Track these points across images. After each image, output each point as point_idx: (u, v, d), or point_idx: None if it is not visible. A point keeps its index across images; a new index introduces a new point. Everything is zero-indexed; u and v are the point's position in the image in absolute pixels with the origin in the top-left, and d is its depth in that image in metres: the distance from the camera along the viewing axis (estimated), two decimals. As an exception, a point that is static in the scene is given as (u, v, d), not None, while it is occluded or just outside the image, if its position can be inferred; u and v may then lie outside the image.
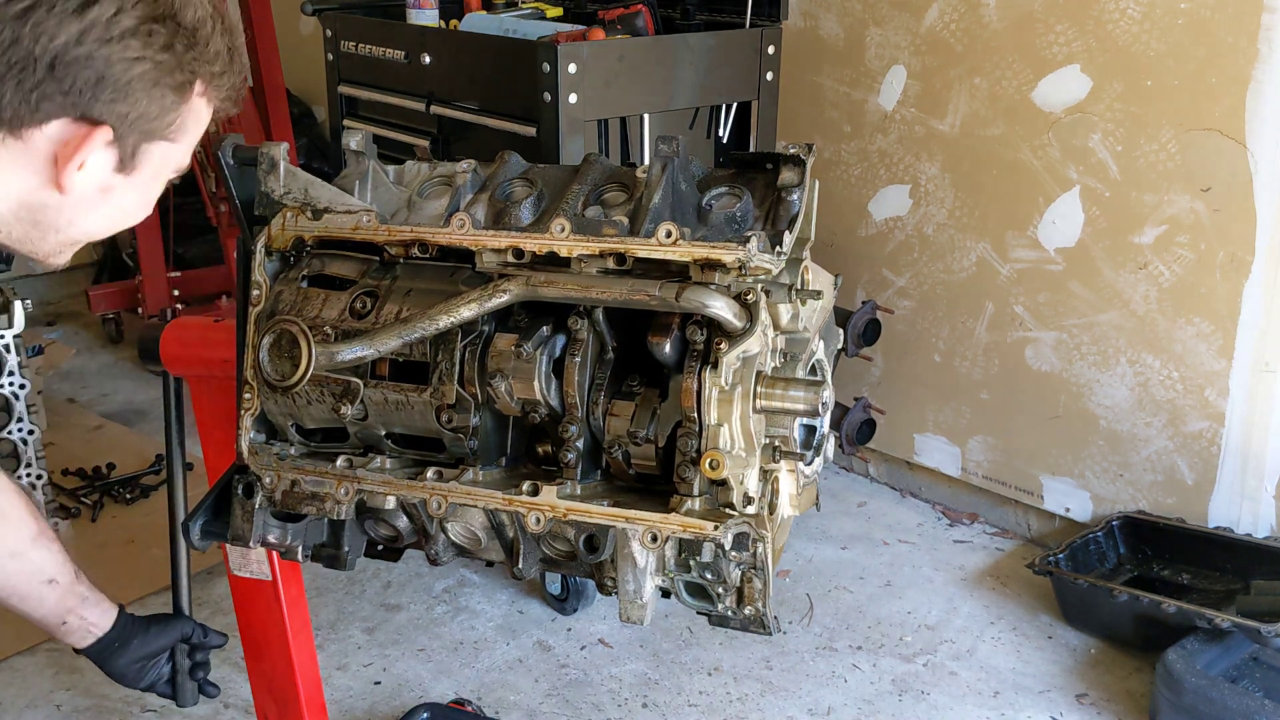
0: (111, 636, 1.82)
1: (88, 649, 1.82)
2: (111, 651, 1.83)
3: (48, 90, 1.10)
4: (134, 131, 1.17)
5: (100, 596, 1.83)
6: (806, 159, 1.54)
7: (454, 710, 2.48)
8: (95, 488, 3.45)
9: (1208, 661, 2.46)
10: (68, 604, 1.77)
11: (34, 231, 1.23)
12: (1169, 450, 2.94)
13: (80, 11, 1.09)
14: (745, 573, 1.50)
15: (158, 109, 1.17)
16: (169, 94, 1.17)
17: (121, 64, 1.12)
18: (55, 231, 1.24)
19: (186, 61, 1.17)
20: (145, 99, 1.15)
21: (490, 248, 1.56)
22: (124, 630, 1.84)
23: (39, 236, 1.24)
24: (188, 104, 1.21)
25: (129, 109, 1.15)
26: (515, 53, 2.63)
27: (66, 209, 1.21)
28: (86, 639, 1.81)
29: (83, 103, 1.12)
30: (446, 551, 1.65)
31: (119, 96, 1.13)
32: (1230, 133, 2.67)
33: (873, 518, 3.42)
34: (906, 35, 3.18)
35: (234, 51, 1.23)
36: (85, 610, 1.80)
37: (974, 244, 3.18)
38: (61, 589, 1.76)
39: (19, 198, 1.18)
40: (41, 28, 1.08)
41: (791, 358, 1.68)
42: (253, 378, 1.64)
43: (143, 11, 1.12)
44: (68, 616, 1.78)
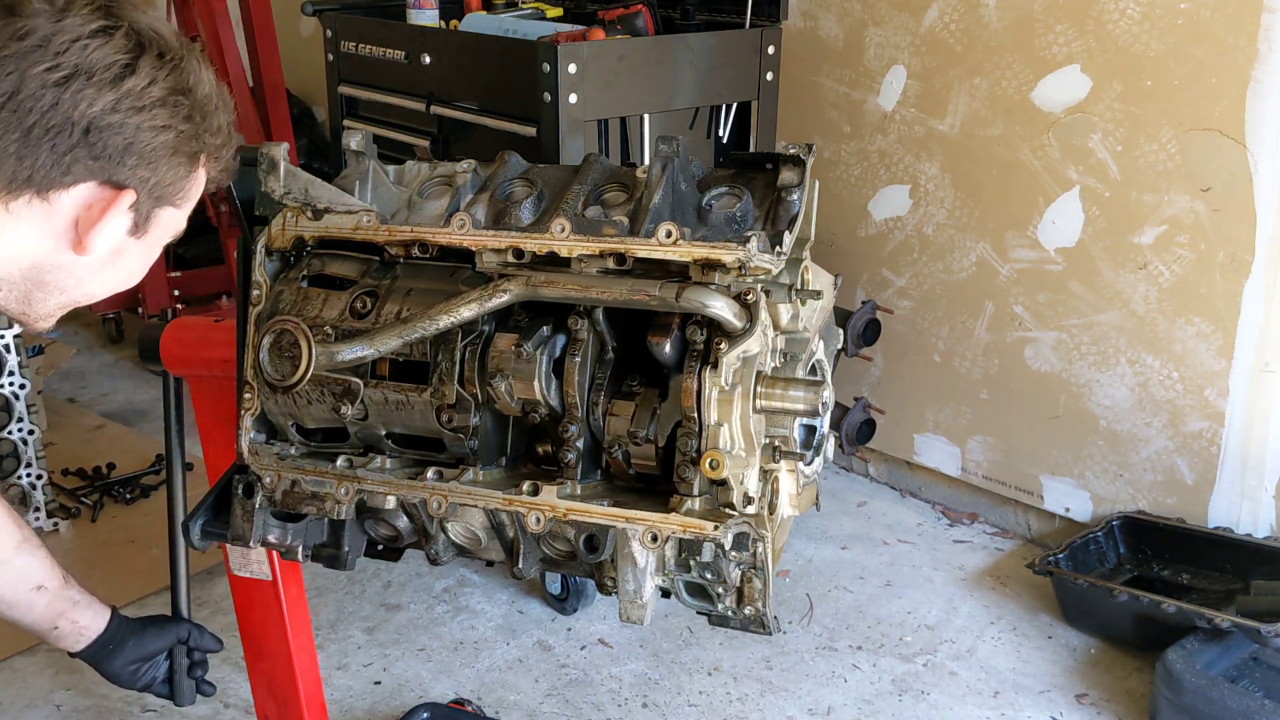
0: (105, 639, 1.82)
1: (82, 652, 1.82)
2: (106, 654, 1.83)
3: (79, 155, 1.15)
4: (151, 197, 1.23)
5: (91, 599, 1.82)
6: (806, 159, 1.54)
7: (454, 710, 2.48)
8: (95, 488, 3.45)
9: (1208, 661, 2.46)
10: (58, 608, 1.77)
11: (37, 292, 1.26)
12: (1169, 450, 2.94)
13: (117, 82, 1.15)
14: (745, 573, 1.50)
15: (174, 176, 1.24)
16: (184, 163, 1.24)
17: (149, 132, 1.18)
18: (60, 292, 1.27)
19: (200, 133, 1.24)
20: (165, 166, 1.22)
21: (490, 248, 1.56)
22: (118, 632, 1.84)
23: (41, 298, 1.27)
24: (196, 173, 1.27)
25: (150, 175, 1.21)
26: (515, 53, 2.63)
27: (78, 270, 1.25)
28: (80, 642, 1.81)
29: (110, 167, 1.18)
30: (446, 551, 1.65)
31: (143, 163, 1.19)
32: (1230, 133, 2.67)
33: (873, 518, 3.42)
34: (906, 35, 3.18)
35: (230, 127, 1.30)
36: (76, 614, 1.79)
37: (974, 244, 3.18)
38: (50, 594, 1.76)
39: (33, 258, 1.22)
40: (80, 95, 1.13)
41: (791, 358, 1.68)
42: (253, 378, 1.64)
43: (170, 83, 1.19)
44: (59, 621, 1.78)
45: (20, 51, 1.11)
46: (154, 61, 1.18)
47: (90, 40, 1.14)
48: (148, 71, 1.17)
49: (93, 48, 1.14)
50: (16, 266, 1.22)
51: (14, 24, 1.12)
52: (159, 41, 1.19)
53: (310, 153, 4.75)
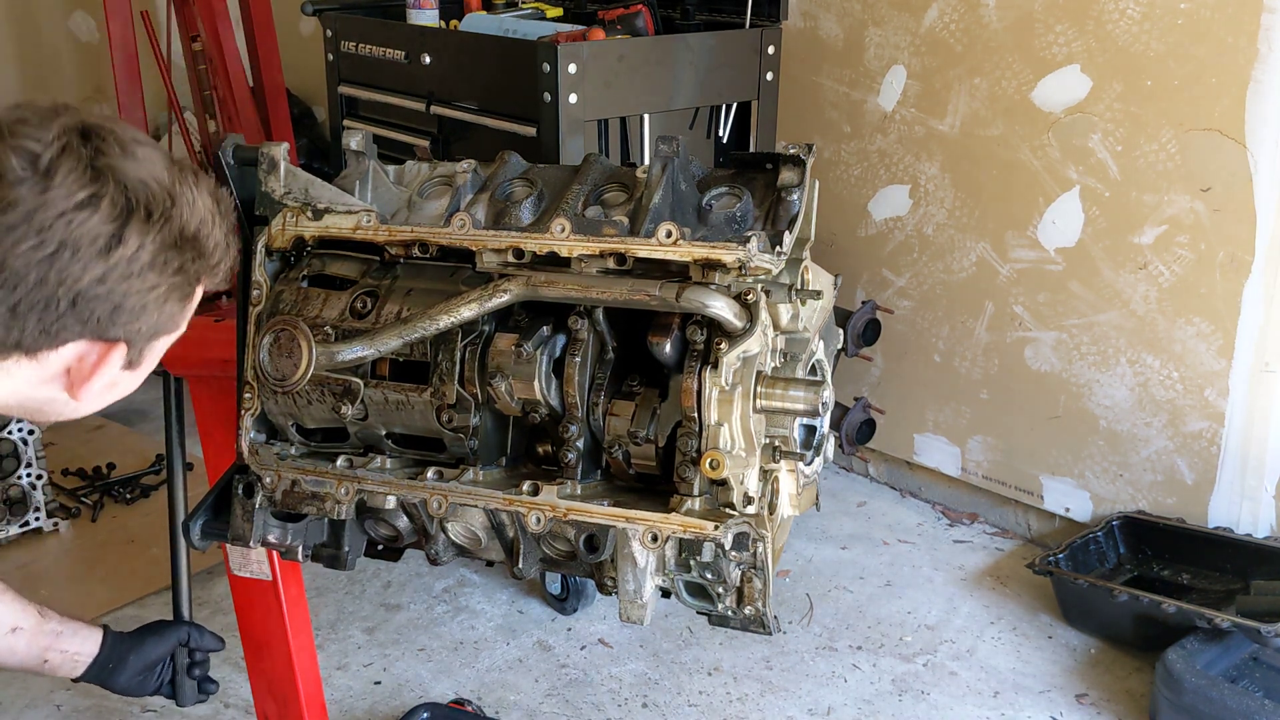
0: (103, 659, 1.80)
1: (83, 677, 1.81)
2: (108, 673, 1.82)
3: (67, 322, 1.15)
4: (144, 338, 1.23)
5: (77, 625, 1.80)
6: (806, 159, 1.54)
7: (454, 710, 2.48)
8: (95, 488, 3.45)
9: (1208, 661, 2.46)
10: (41, 644, 1.75)
11: (35, 414, 1.29)
12: (1169, 450, 2.94)
13: (105, 254, 1.13)
14: (745, 572, 1.50)
15: (166, 317, 1.23)
16: (176, 304, 1.23)
17: (138, 294, 1.17)
18: (57, 416, 1.30)
19: (193, 272, 1.23)
20: (157, 314, 1.21)
21: (490, 248, 1.56)
22: (115, 649, 1.82)
23: (38, 418, 1.31)
24: (191, 301, 1.27)
25: (142, 324, 1.20)
26: (515, 53, 2.63)
27: (73, 404, 1.26)
28: (77, 668, 1.79)
29: (100, 328, 1.17)
30: (446, 551, 1.65)
31: (134, 318, 1.19)
32: (1230, 133, 2.67)
33: (873, 518, 3.42)
34: (906, 35, 3.18)
35: (229, 236, 1.28)
36: (63, 644, 1.77)
37: (974, 244, 3.18)
38: (28, 633, 1.73)
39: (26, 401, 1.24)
40: (67, 271, 1.12)
41: (791, 358, 1.68)
42: (253, 378, 1.64)
43: (159, 243, 1.17)
44: (47, 655, 1.76)
45: (4, 225, 1.09)
46: (142, 226, 1.15)
47: (76, 214, 1.11)
48: (135, 239, 1.14)
49: (79, 222, 1.11)
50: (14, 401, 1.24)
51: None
52: (147, 199, 1.16)
53: (310, 153, 4.75)
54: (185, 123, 4.24)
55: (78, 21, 5.26)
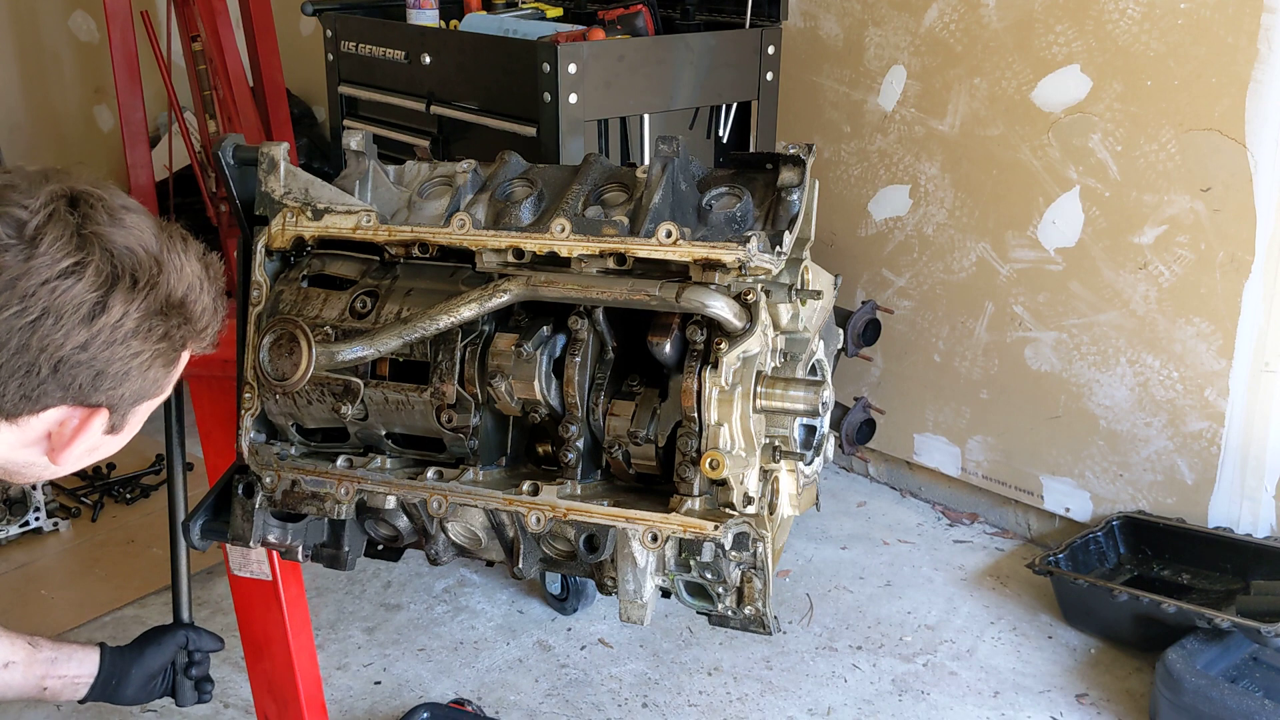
0: (104, 677, 1.80)
1: (87, 697, 1.80)
2: (112, 689, 1.81)
3: (49, 388, 1.14)
4: (127, 404, 1.22)
5: (72, 649, 1.79)
6: (806, 159, 1.54)
7: (454, 710, 2.48)
8: (95, 488, 3.45)
9: (1208, 661, 2.46)
10: (37, 673, 1.74)
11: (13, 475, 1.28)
12: (1169, 450, 2.94)
13: (88, 321, 1.13)
14: (745, 572, 1.50)
15: (150, 382, 1.22)
16: (161, 369, 1.23)
17: (121, 361, 1.17)
18: (34, 478, 1.30)
19: (178, 338, 1.22)
20: (140, 380, 1.20)
21: (490, 248, 1.56)
22: (115, 665, 1.81)
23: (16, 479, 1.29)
24: (177, 366, 1.26)
25: (125, 390, 1.20)
26: (515, 53, 2.63)
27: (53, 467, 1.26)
28: (79, 691, 1.78)
29: (82, 394, 1.17)
30: (446, 551, 1.65)
31: (117, 384, 1.18)
32: (1230, 133, 2.67)
33: (873, 518, 3.42)
34: (906, 35, 3.18)
35: (217, 300, 1.27)
36: (60, 670, 1.76)
37: (974, 244, 3.18)
38: (21, 666, 1.72)
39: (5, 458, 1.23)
40: (49, 338, 1.11)
41: (791, 358, 1.68)
42: (253, 378, 1.65)
43: (144, 310, 1.16)
44: (45, 683, 1.75)
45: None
46: (126, 294, 1.15)
47: (60, 281, 1.10)
48: (120, 306, 1.14)
49: (62, 289, 1.10)
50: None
51: None
52: (133, 266, 1.15)
53: (310, 153, 4.75)
54: (185, 123, 4.24)
55: (78, 21, 5.26)
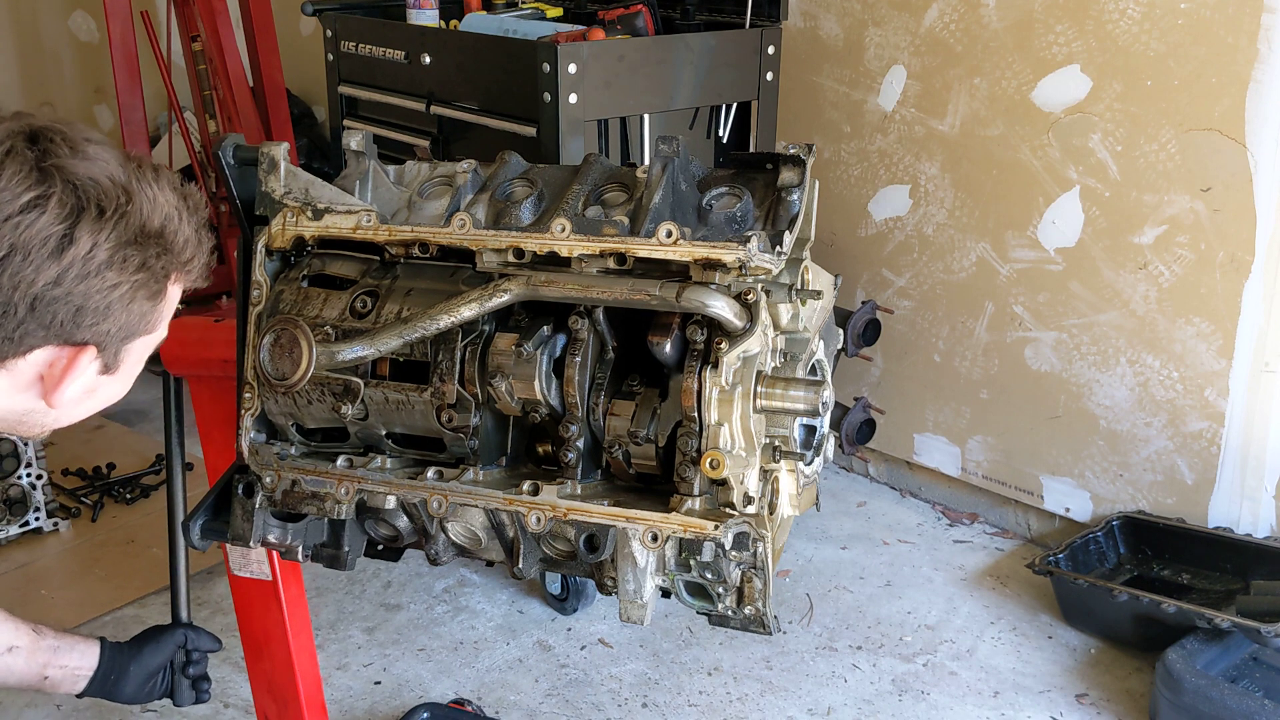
0: (103, 672, 1.80)
1: (85, 691, 1.80)
2: (111, 685, 1.81)
3: (29, 328, 1.12)
4: (115, 341, 1.20)
5: (74, 640, 1.79)
6: (806, 159, 1.54)
7: (454, 710, 2.48)
8: (95, 488, 3.45)
9: (1208, 661, 2.46)
10: (40, 660, 1.75)
11: (19, 426, 1.27)
12: (1169, 450, 2.94)
13: (57, 255, 1.10)
14: (745, 572, 1.50)
15: (137, 315, 1.20)
16: (145, 302, 1.20)
17: (100, 294, 1.14)
18: (40, 428, 1.28)
19: (159, 269, 1.20)
20: (124, 314, 1.18)
21: (491, 248, 1.56)
22: (114, 661, 1.82)
23: (24, 430, 1.29)
24: (164, 299, 1.24)
25: (109, 326, 1.17)
26: (515, 53, 2.63)
27: (53, 412, 1.24)
28: (78, 683, 1.79)
29: (65, 332, 1.15)
30: (446, 551, 1.65)
31: (99, 319, 1.16)
32: (1230, 133, 2.67)
33: (873, 518, 3.42)
34: (906, 35, 3.18)
35: (200, 231, 1.25)
36: (61, 660, 1.77)
37: (974, 244, 3.18)
38: (25, 652, 1.73)
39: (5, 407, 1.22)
40: (19, 275, 1.09)
41: (791, 358, 1.68)
42: (253, 378, 1.65)
43: (115, 240, 1.14)
44: (46, 671, 1.76)
45: None
46: (93, 224, 1.12)
47: (22, 216, 1.08)
48: (88, 237, 1.12)
49: (25, 224, 1.08)
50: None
51: None
52: (98, 195, 1.13)
53: (310, 153, 4.75)
54: (185, 123, 4.24)
55: (78, 21, 5.26)
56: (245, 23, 4.08)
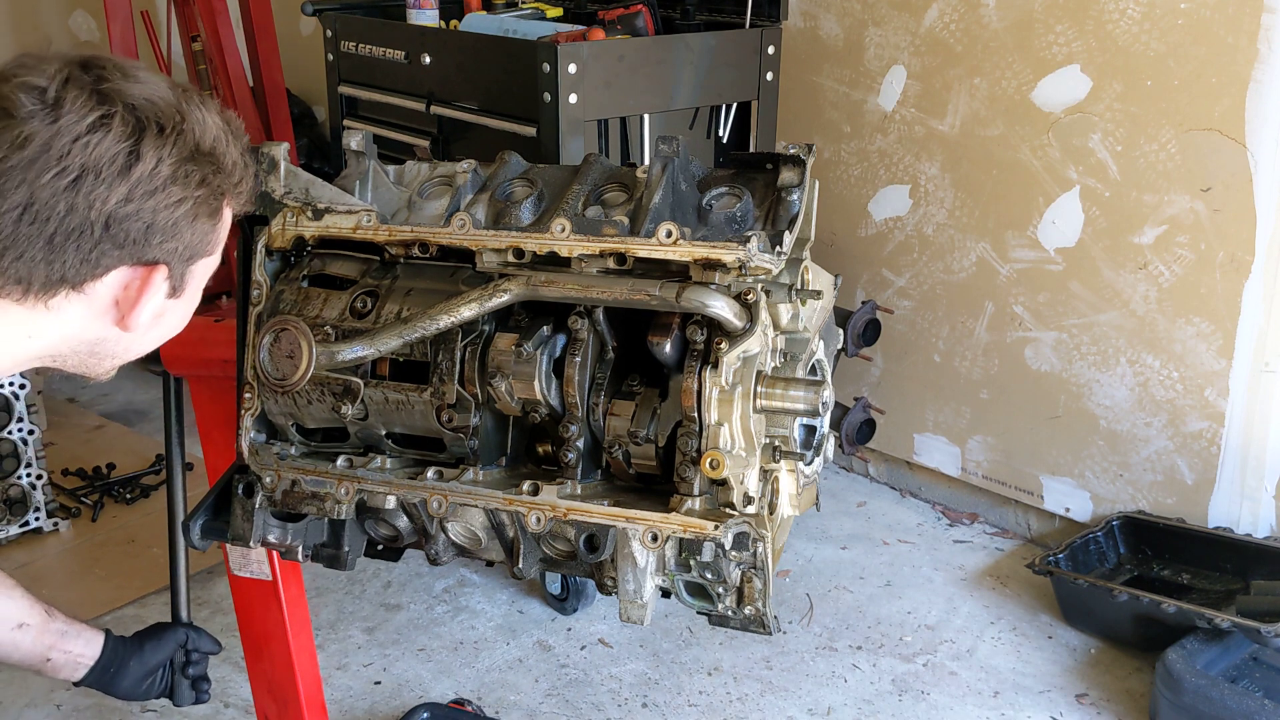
0: (104, 663, 1.81)
1: (84, 680, 1.81)
2: (109, 677, 1.82)
3: (105, 248, 1.17)
4: (183, 260, 1.25)
5: (81, 627, 1.80)
6: (806, 159, 1.54)
7: (454, 710, 2.48)
8: (95, 488, 3.45)
9: (1208, 661, 2.46)
10: (46, 642, 1.76)
11: (90, 360, 1.30)
12: (1169, 450, 2.94)
13: (125, 173, 1.15)
14: (745, 572, 1.50)
15: (200, 235, 1.25)
16: (206, 220, 1.25)
17: (167, 210, 1.19)
18: (112, 358, 1.32)
19: (216, 186, 1.25)
20: (189, 232, 1.23)
21: (490, 248, 1.56)
22: (116, 654, 1.82)
23: (95, 363, 1.32)
24: (221, 220, 1.29)
25: (178, 244, 1.22)
26: (515, 53, 2.63)
27: (125, 339, 1.28)
28: (78, 671, 1.80)
29: (137, 250, 1.19)
30: (446, 551, 1.65)
31: (168, 237, 1.21)
32: (1230, 133, 2.67)
33: (873, 518, 3.42)
34: (906, 35, 3.18)
35: (245, 154, 1.30)
36: (67, 644, 1.78)
37: (974, 244, 3.18)
38: (34, 630, 1.75)
39: (79, 336, 1.26)
40: (94, 195, 1.14)
41: (791, 358, 1.68)
42: (253, 378, 1.65)
43: (177, 155, 1.19)
44: (50, 654, 1.76)
45: (24, 161, 1.12)
46: (156, 140, 1.17)
47: (90, 136, 1.13)
48: (152, 153, 1.17)
49: (94, 143, 1.13)
50: (68, 346, 1.26)
51: (11, 129, 1.12)
52: (156, 114, 1.18)
53: (310, 153, 4.75)
54: (185, 123, 4.23)
55: (78, 21, 5.26)
56: (245, 23, 4.08)
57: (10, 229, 1.13)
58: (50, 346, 1.24)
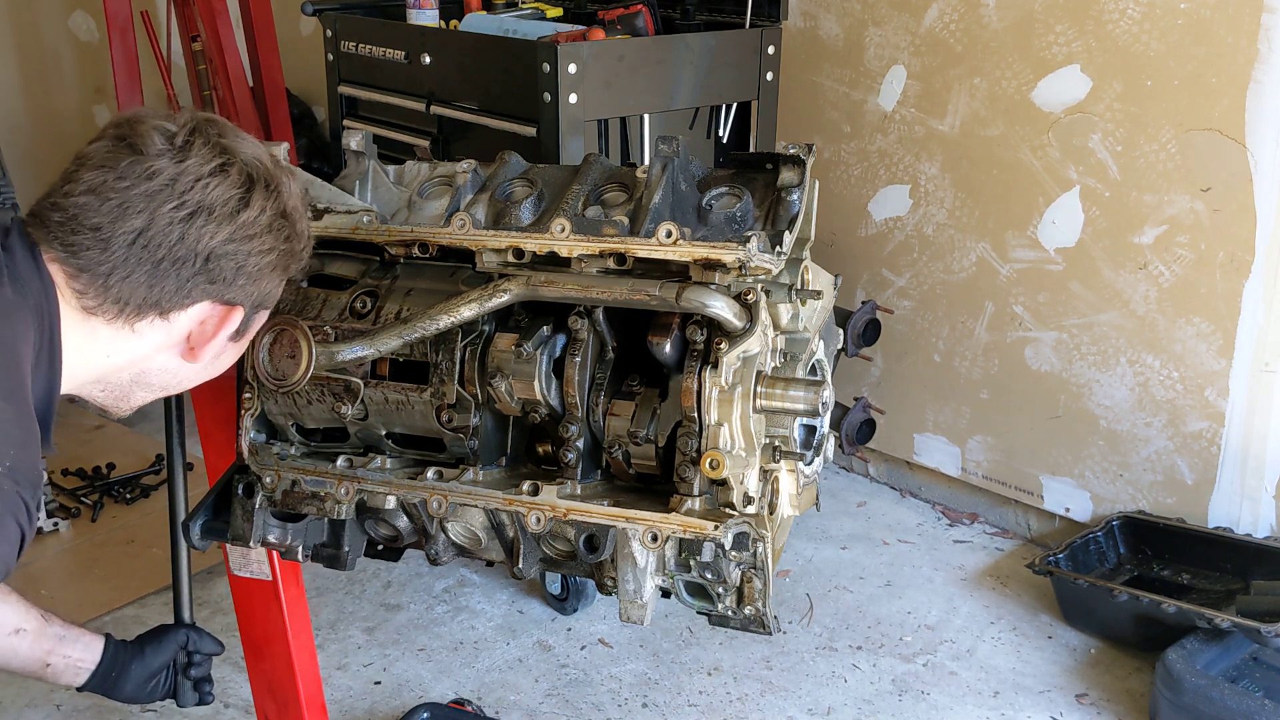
0: (105, 668, 1.79)
1: (86, 685, 1.80)
2: (111, 682, 1.81)
3: (199, 281, 1.29)
4: (253, 307, 1.36)
5: (80, 632, 1.79)
6: (806, 159, 1.54)
7: (454, 710, 2.48)
8: (95, 488, 3.45)
9: (1208, 661, 2.46)
10: (44, 647, 1.74)
11: (139, 391, 1.39)
12: (1169, 450, 2.94)
13: (233, 215, 1.28)
14: (745, 572, 1.50)
15: (272, 287, 1.37)
16: (280, 275, 1.37)
17: (258, 256, 1.31)
18: (160, 390, 1.40)
19: (294, 248, 1.37)
20: (267, 282, 1.35)
21: (490, 248, 1.56)
22: (116, 658, 1.81)
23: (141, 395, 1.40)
24: (285, 281, 1.40)
25: (255, 290, 1.34)
26: (515, 53, 2.63)
27: (182, 373, 1.38)
28: (79, 676, 1.78)
29: (224, 289, 1.31)
30: (446, 551, 1.65)
31: (251, 281, 1.33)
32: (1230, 133, 2.67)
33: (873, 518, 3.42)
34: (906, 35, 3.18)
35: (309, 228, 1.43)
36: (66, 649, 1.76)
37: (974, 244, 3.18)
38: (31, 635, 1.73)
39: (145, 365, 1.35)
40: (204, 230, 1.27)
41: (791, 358, 1.68)
42: (253, 378, 1.65)
43: (274, 210, 1.32)
44: (49, 659, 1.75)
45: (149, 191, 1.24)
46: (262, 193, 1.31)
47: (210, 179, 1.27)
48: (259, 204, 1.30)
49: (213, 186, 1.27)
50: (129, 373, 1.35)
51: (141, 163, 1.25)
52: (264, 172, 1.32)
53: (310, 153, 4.75)
54: (185, 123, 4.23)
55: (78, 21, 5.26)
56: (245, 23, 4.07)
57: (123, 252, 1.24)
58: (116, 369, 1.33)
